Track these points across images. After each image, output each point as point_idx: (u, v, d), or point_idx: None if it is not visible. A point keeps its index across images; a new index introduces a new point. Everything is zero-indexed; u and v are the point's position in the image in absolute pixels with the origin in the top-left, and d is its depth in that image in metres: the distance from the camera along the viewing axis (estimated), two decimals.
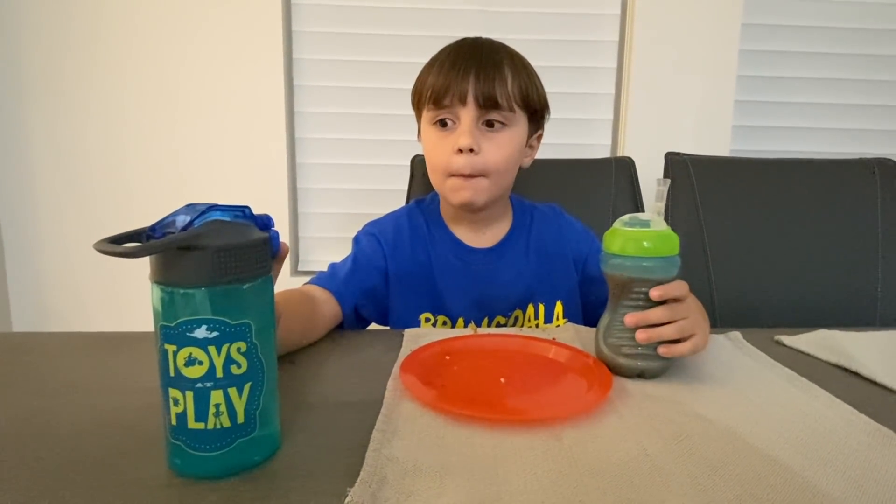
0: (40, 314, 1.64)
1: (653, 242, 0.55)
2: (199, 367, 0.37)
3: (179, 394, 0.38)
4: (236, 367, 0.38)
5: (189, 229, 0.37)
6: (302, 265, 1.68)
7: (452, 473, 0.39)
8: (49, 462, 0.41)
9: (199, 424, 0.38)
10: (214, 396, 0.38)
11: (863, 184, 1.17)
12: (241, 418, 0.39)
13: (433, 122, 0.78)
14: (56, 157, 1.57)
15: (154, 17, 1.51)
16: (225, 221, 0.39)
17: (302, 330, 0.66)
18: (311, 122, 1.62)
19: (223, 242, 0.37)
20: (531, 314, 0.83)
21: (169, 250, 0.36)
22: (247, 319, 0.38)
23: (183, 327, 0.37)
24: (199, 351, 0.37)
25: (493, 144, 0.76)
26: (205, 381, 0.37)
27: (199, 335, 0.37)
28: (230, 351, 0.38)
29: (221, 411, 0.38)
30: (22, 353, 0.64)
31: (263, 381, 0.40)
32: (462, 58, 0.76)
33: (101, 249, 0.36)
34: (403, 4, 1.56)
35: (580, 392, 0.53)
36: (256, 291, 0.39)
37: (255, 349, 0.39)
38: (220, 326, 0.37)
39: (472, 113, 0.75)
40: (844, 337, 0.69)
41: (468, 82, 0.74)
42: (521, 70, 0.77)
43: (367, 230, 0.86)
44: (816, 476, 0.40)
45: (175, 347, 0.37)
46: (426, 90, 0.77)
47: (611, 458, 0.42)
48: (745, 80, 1.63)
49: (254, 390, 0.40)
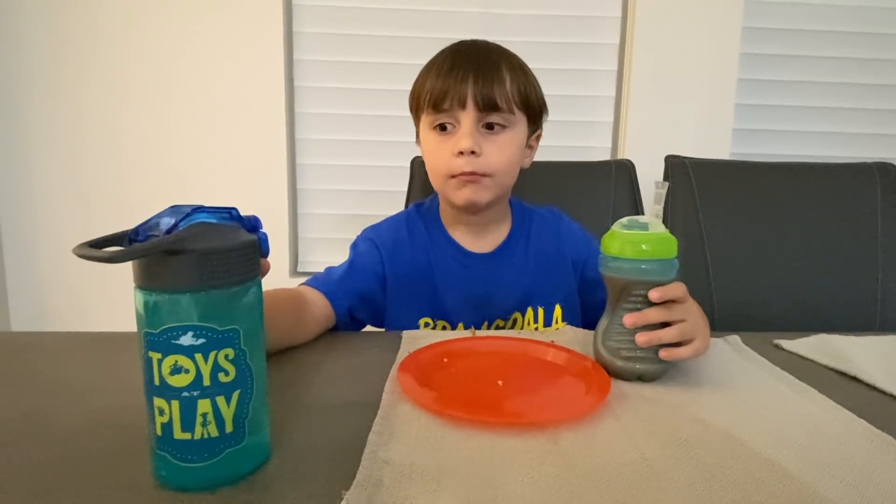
0: (38, 314, 1.63)
1: (651, 245, 0.55)
2: (186, 376, 0.36)
3: (165, 403, 0.36)
4: (224, 374, 0.37)
5: (173, 232, 0.36)
6: (301, 266, 1.68)
7: (449, 476, 0.39)
8: (45, 462, 0.41)
9: (186, 435, 0.37)
10: (201, 405, 0.36)
11: (863, 188, 1.17)
12: (229, 427, 0.38)
13: (433, 127, 0.77)
14: (56, 158, 1.57)
15: (155, 19, 1.51)
16: (211, 224, 0.38)
17: (287, 329, 0.65)
18: (311, 123, 1.62)
19: (209, 246, 0.36)
20: (530, 318, 0.83)
21: (153, 254, 0.35)
22: (235, 325, 0.37)
23: (168, 334, 0.35)
24: (185, 359, 0.36)
25: (494, 146, 0.75)
26: (191, 390, 0.36)
27: (185, 342, 0.35)
28: (217, 358, 0.36)
29: (209, 421, 0.37)
30: (20, 352, 0.64)
31: (252, 389, 0.39)
32: (460, 61, 0.75)
33: (80, 254, 0.34)
34: (404, 6, 1.57)
35: (578, 395, 0.53)
36: (244, 296, 0.38)
37: (243, 356, 0.38)
38: (206, 333, 0.36)
39: (472, 116, 0.74)
40: (844, 341, 0.69)
41: (467, 85, 0.73)
42: (518, 71, 0.77)
43: (365, 236, 0.86)
44: (815, 481, 0.39)
45: (160, 355, 0.36)
46: (424, 95, 0.76)
47: (608, 461, 0.41)
48: (746, 84, 1.63)
49: (242, 398, 0.38)
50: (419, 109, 0.79)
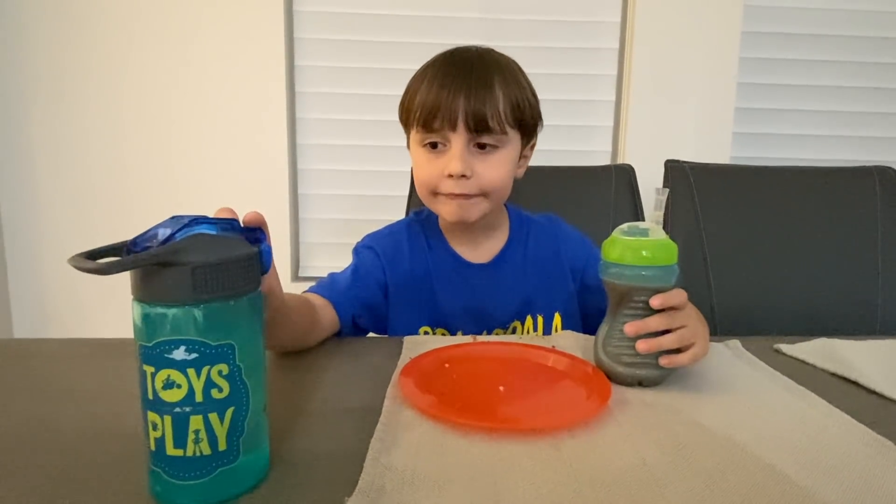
0: (41, 320, 1.64)
1: (651, 251, 0.55)
2: (178, 391, 0.35)
3: (158, 418, 0.36)
4: (217, 391, 0.36)
5: (169, 243, 0.35)
6: (303, 271, 1.68)
7: (451, 483, 0.39)
8: (48, 469, 0.41)
9: (178, 451, 0.36)
10: (193, 422, 0.35)
11: (863, 191, 1.17)
12: (222, 445, 0.37)
13: (423, 144, 0.76)
14: (58, 164, 1.57)
15: (157, 26, 1.52)
16: (209, 235, 0.37)
17: (302, 332, 0.66)
18: (312, 128, 1.62)
19: (204, 258, 0.35)
20: (529, 326, 0.83)
21: (148, 266, 0.34)
22: (230, 340, 0.36)
23: (161, 348, 0.35)
24: (178, 373, 0.35)
25: (486, 166, 0.74)
26: (183, 406, 0.35)
27: (178, 356, 0.35)
28: (210, 374, 0.35)
29: (201, 438, 0.36)
30: (22, 358, 0.64)
31: (248, 406, 0.38)
32: (451, 76, 0.73)
33: (75, 265, 0.34)
34: (405, 12, 1.57)
35: (579, 401, 0.53)
36: (241, 310, 0.37)
37: (238, 372, 0.37)
38: (199, 347, 0.35)
39: (463, 137, 0.72)
40: (844, 345, 0.69)
41: (458, 105, 0.71)
42: (512, 86, 0.75)
43: (365, 243, 0.86)
44: (815, 486, 0.40)
45: (153, 369, 0.35)
46: (415, 111, 0.74)
47: (609, 467, 0.42)
48: (745, 88, 1.64)
49: (237, 416, 0.37)
50: (409, 123, 0.78)
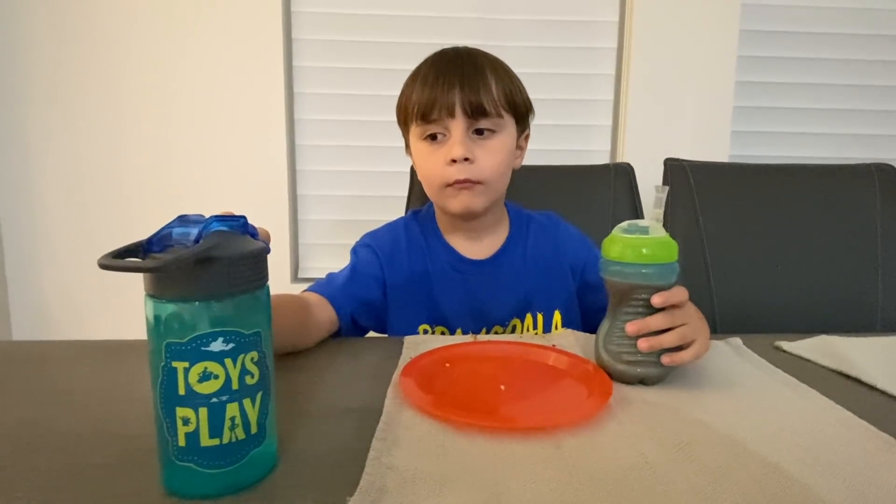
0: (39, 322, 1.63)
1: (652, 249, 0.55)
2: (215, 382, 0.37)
3: (191, 412, 0.37)
4: (250, 377, 0.38)
5: (201, 241, 0.37)
6: (302, 272, 1.68)
7: (452, 482, 0.39)
8: (46, 471, 0.41)
9: (214, 440, 0.37)
10: (230, 409, 0.38)
11: (862, 189, 1.17)
12: (254, 429, 0.39)
13: (423, 137, 0.78)
14: (56, 166, 1.57)
15: (155, 25, 1.52)
16: (226, 232, 0.39)
17: (293, 333, 0.66)
18: (311, 129, 1.62)
19: (237, 252, 0.37)
20: (529, 324, 0.83)
21: (182, 264, 0.35)
22: (258, 328, 0.39)
23: (197, 342, 0.36)
24: (215, 364, 0.37)
25: (486, 151, 0.76)
26: (220, 395, 0.37)
27: (216, 348, 0.36)
28: (245, 361, 0.38)
29: (237, 424, 0.38)
30: (21, 361, 0.64)
31: (271, 389, 0.41)
32: (444, 70, 0.76)
33: (108, 265, 0.34)
34: (403, 12, 1.57)
35: (580, 399, 0.53)
36: (263, 300, 0.40)
37: (264, 357, 0.40)
38: (236, 337, 0.37)
39: (462, 124, 0.75)
40: (844, 342, 0.69)
41: (454, 94, 0.74)
42: (502, 74, 0.78)
43: (363, 242, 0.86)
44: (817, 483, 0.40)
45: (187, 364, 0.36)
46: (412, 107, 0.77)
47: (611, 465, 0.42)
48: (744, 86, 1.64)
49: (264, 399, 0.40)
50: (407, 121, 0.79)
